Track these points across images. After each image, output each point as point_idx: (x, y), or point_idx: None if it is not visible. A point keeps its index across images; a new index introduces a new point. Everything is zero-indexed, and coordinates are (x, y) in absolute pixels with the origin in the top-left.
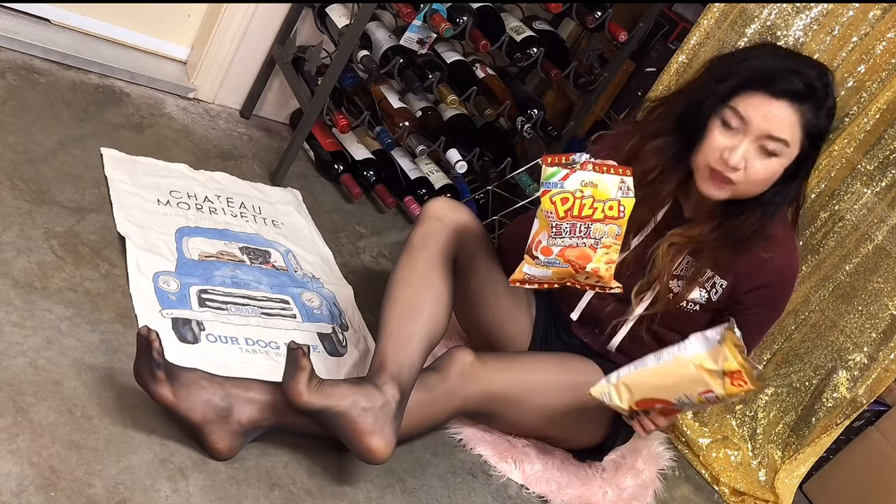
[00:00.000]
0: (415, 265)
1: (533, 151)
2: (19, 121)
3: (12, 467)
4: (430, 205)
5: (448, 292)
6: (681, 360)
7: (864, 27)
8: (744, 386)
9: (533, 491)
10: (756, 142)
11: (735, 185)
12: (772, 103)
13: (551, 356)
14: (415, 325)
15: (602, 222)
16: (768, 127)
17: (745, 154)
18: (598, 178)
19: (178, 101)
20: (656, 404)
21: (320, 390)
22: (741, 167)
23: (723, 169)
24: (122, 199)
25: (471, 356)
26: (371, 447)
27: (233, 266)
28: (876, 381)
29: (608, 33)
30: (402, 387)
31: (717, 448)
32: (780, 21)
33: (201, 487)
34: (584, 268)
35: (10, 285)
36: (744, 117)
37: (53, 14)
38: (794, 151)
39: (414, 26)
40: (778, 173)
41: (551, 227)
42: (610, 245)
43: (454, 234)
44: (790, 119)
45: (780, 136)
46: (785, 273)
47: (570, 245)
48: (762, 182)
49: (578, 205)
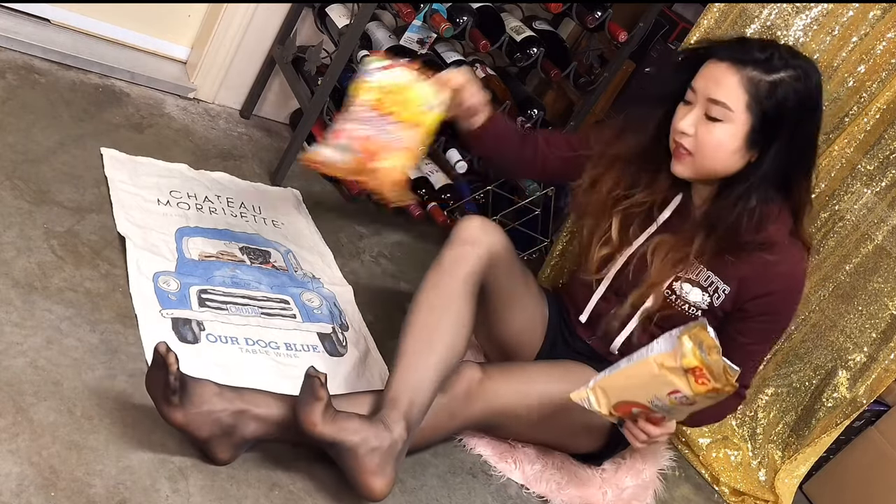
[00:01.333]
0: (440, 290)
1: None
2: (19, 121)
3: (12, 467)
4: (463, 225)
5: (470, 321)
6: (646, 360)
7: (864, 27)
8: (708, 384)
9: (533, 491)
10: (703, 109)
11: (692, 157)
12: (716, 66)
13: (555, 366)
14: (432, 358)
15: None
16: (709, 90)
17: (692, 121)
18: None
19: (178, 101)
20: (633, 408)
21: (335, 422)
22: (690, 132)
23: (677, 137)
24: (122, 199)
25: (478, 373)
26: (372, 487)
27: (233, 266)
28: (876, 381)
29: (608, 33)
30: (410, 425)
31: (717, 448)
32: (780, 21)
33: (201, 487)
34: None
35: (10, 285)
36: (694, 87)
37: (53, 14)
38: (741, 118)
39: (414, 26)
40: (727, 142)
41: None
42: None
43: (485, 261)
44: (730, 80)
45: (720, 98)
46: (790, 282)
47: (368, 136)
48: (711, 148)
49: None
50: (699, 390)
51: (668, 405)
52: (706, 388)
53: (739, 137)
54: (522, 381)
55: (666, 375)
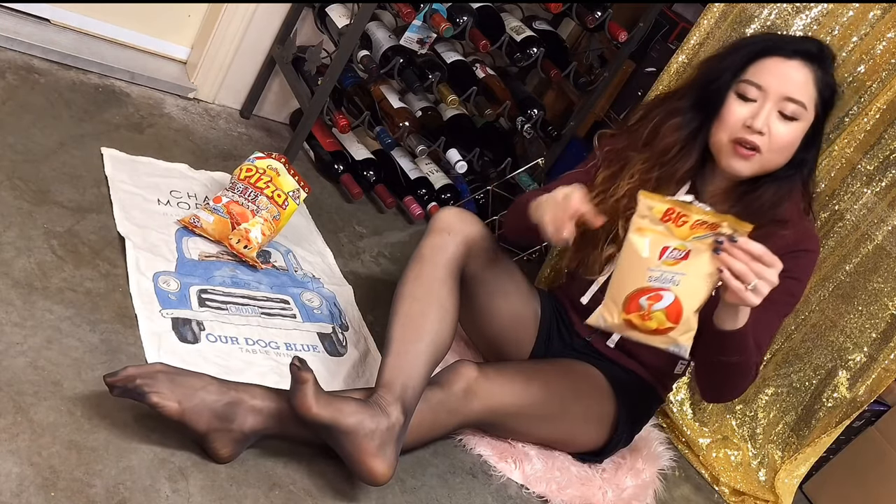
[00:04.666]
0: (422, 280)
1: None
2: (19, 121)
3: (12, 467)
4: (439, 216)
5: (454, 308)
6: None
7: (864, 27)
8: (690, 217)
9: (533, 491)
10: (776, 106)
11: (761, 155)
12: (787, 64)
13: (553, 365)
14: (420, 345)
15: (269, 199)
16: (786, 89)
17: (767, 118)
18: (284, 171)
19: (178, 101)
20: (639, 297)
21: (330, 404)
22: (766, 131)
23: (747, 135)
24: (122, 199)
25: (475, 371)
26: (373, 470)
27: (233, 266)
28: (876, 381)
29: (608, 33)
30: (405, 409)
31: (717, 448)
32: (780, 21)
33: (201, 487)
34: (239, 223)
35: (10, 285)
36: (761, 84)
37: (53, 14)
38: (811, 116)
39: (414, 26)
40: (798, 139)
41: (231, 183)
42: (267, 221)
43: (463, 248)
44: (805, 79)
45: (798, 97)
46: (806, 244)
47: (236, 201)
48: (785, 148)
49: (257, 177)
50: (685, 233)
51: (666, 270)
52: (690, 225)
53: (803, 134)
54: (520, 380)
55: (648, 238)
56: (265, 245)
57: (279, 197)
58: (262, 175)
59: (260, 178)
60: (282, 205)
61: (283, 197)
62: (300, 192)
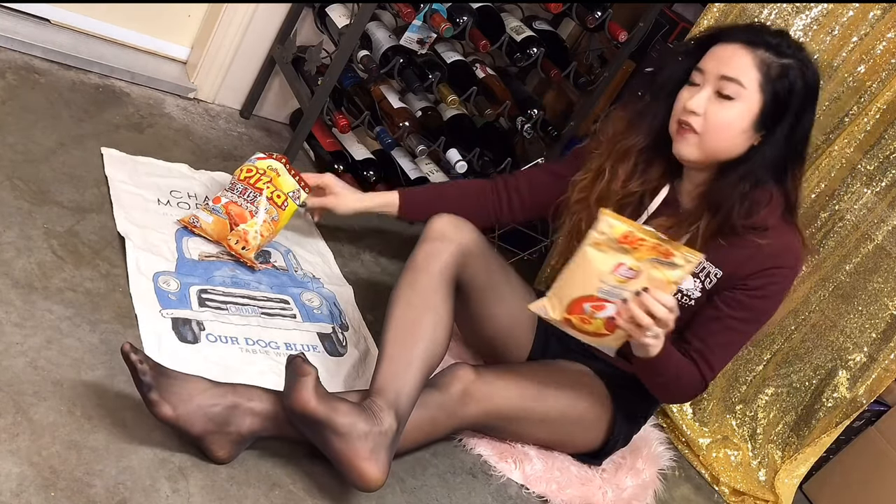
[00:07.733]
0: (416, 287)
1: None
2: (19, 121)
3: (12, 467)
4: (433, 223)
5: (449, 315)
6: (583, 249)
7: (864, 27)
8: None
9: (533, 491)
10: (714, 87)
11: (698, 136)
12: (725, 48)
13: (549, 367)
14: (414, 351)
15: (268, 200)
16: (721, 68)
17: (703, 100)
18: (284, 172)
19: (178, 101)
20: (584, 303)
21: (327, 401)
22: (700, 111)
23: (684, 116)
24: (122, 199)
25: (472, 374)
26: (366, 473)
27: (233, 266)
28: (876, 381)
29: (608, 33)
30: (399, 416)
31: (717, 448)
32: (780, 21)
33: (201, 487)
34: (238, 224)
35: (10, 285)
36: (702, 68)
37: (53, 14)
38: (753, 97)
39: (414, 26)
40: (739, 121)
41: (231, 183)
42: (266, 222)
43: (457, 255)
44: (743, 60)
45: (732, 74)
46: (783, 260)
47: (236, 202)
48: (722, 128)
49: (256, 177)
50: (641, 255)
51: (616, 285)
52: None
53: (748, 118)
54: (517, 382)
55: (604, 253)
56: (264, 246)
57: (279, 198)
58: (261, 176)
59: (259, 179)
60: (281, 205)
61: (282, 198)
62: (300, 193)
